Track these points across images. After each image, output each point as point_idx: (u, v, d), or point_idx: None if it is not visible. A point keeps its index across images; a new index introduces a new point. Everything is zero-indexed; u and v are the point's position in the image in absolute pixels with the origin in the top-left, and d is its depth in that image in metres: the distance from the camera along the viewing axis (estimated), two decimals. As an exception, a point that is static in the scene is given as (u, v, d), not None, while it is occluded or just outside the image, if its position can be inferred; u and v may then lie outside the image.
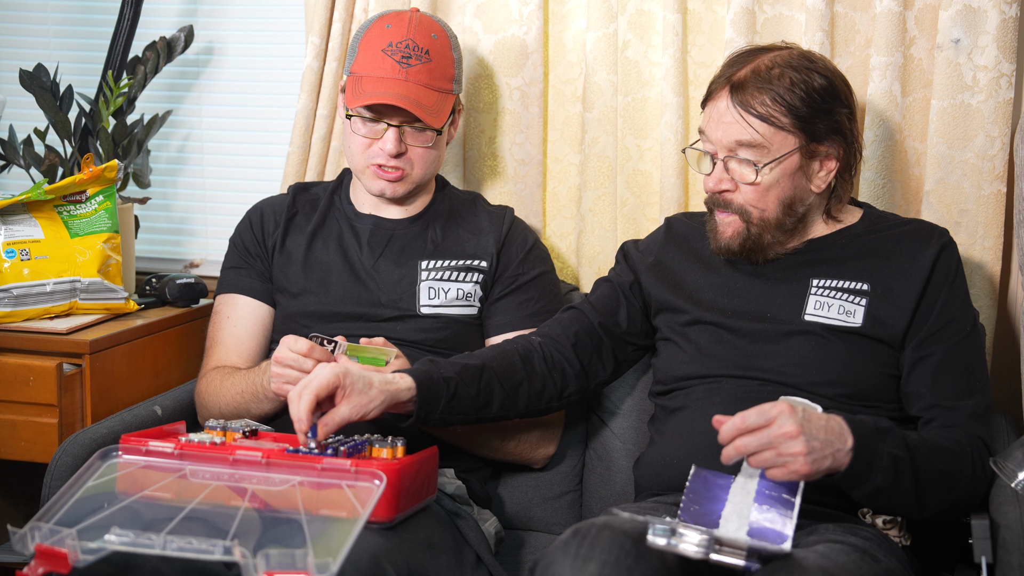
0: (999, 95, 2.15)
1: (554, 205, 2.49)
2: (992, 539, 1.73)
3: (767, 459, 1.62)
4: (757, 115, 1.85)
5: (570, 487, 2.26)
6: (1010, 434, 2.06)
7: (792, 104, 1.85)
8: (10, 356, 2.25)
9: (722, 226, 1.93)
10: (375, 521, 1.69)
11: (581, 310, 2.05)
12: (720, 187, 1.90)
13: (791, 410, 1.62)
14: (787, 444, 1.61)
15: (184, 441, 1.77)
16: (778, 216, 1.91)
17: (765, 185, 1.88)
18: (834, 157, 1.91)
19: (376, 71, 2.10)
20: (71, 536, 1.51)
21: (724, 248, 1.94)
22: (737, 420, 1.63)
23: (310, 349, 1.92)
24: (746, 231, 1.91)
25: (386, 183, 2.13)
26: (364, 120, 2.11)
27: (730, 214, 1.92)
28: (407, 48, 2.10)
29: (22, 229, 2.35)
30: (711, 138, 1.90)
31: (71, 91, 2.55)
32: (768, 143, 1.86)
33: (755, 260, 1.95)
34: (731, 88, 1.87)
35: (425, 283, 2.15)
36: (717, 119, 1.89)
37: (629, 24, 2.32)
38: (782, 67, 1.86)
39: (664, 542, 1.55)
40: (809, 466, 1.62)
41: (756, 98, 1.85)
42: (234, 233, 2.27)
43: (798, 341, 1.91)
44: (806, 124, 1.86)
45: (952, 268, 1.93)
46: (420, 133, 2.11)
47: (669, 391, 1.99)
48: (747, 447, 1.62)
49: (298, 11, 2.59)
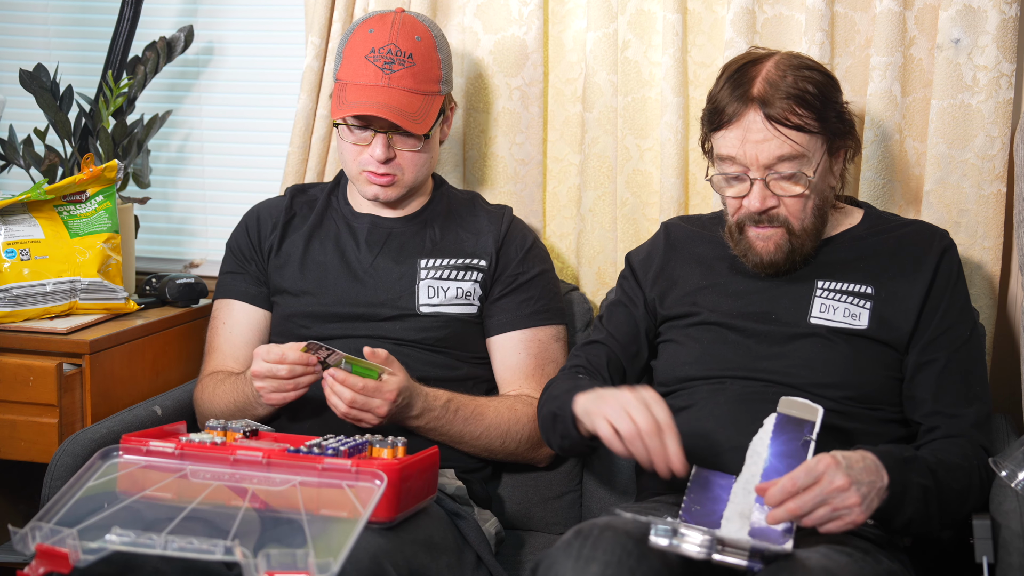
0: (999, 95, 2.15)
1: (554, 205, 2.49)
2: (993, 539, 1.73)
3: (822, 516, 1.62)
4: (793, 126, 1.83)
5: (570, 487, 2.26)
6: (1010, 434, 2.06)
7: (814, 105, 1.84)
8: (10, 356, 2.25)
9: (761, 241, 1.90)
10: (376, 521, 1.69)
11: (607, 345, 2.04)
12: (767, 205, 1.87)
13: (836, 463, 1.62)
14: (840, 498, 1.61)
15: (184, 441, 1.77)
16: (815, 222, 1.90)
17: (808, 193, 1.87)
18: (843, 149, 1.91)
19: (359, 78, 2.08)
20: (72, 536, 1.51)
21: (769, 264, 1.91)
22: (787, 483, 1.61)
23: (282, 356, 1.92)
24: (789, 243, 1.90)
25: (379, 188, 2.13)
26: (351, 128, 2.10)
27: (771, 228, 1.89)
28: (389, 53, 2.08)
29: (22, 229, 2.35)
30: (744, 160, 1.86)
31: (71, 91, 2.55)
32: (807, 151, 1.85)
33: (795, 271, 1.94)
34: (759, 104, 1.84)
35: (424, 282, 2.15)
36: (752, 139, 1.84)
37: (629, 24, 2.32)
38: (786, 71, 1.85)
39: (666, 543, 1.56)
40: (864, 514, 1.63)
41: (786, 108, 1.83)
42: (230, 238, 2.27)
43: (804, 343, 1.90)
44: (825, 123, 1.86)
45: (954, 272, 1.93)
46: (408, 138, 2.11)
47: (672, 391, 1.98)
48: (802, 508, 1.60)
49: (298, 11, 2.58)
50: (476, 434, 2.06)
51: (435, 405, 2.01)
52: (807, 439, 1.71)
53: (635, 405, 1.68)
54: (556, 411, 1.87)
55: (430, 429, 2.02)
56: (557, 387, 1.96)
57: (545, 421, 1.95)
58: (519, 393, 2.14)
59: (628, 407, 1.68)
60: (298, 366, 1.93)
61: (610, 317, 2.08)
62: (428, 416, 2.00)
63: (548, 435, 1.95)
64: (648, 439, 1.66)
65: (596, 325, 2.11)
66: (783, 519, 1.62)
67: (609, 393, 1.73)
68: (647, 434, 1.66)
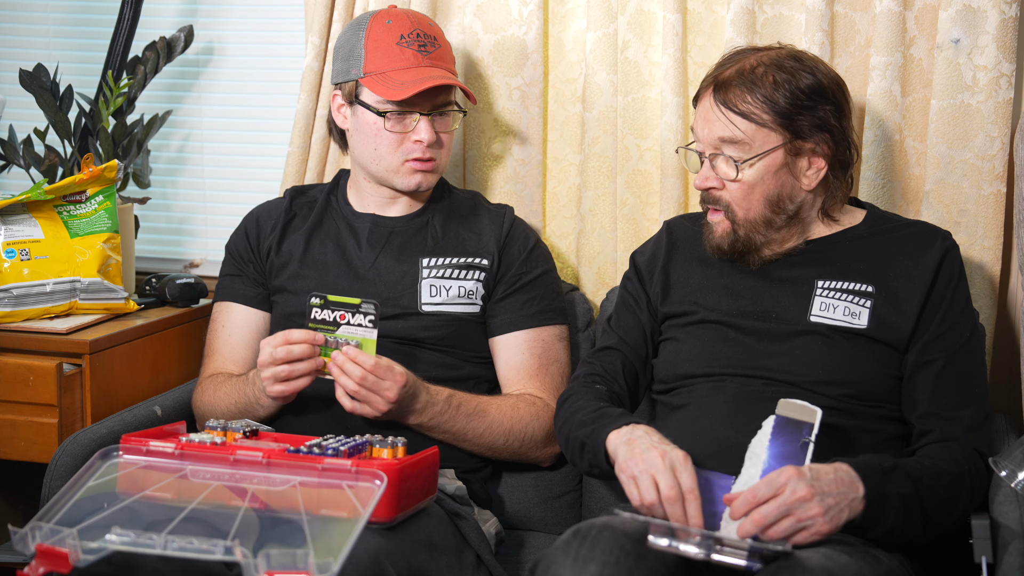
0: (999, 95, 2.15)
1: (554, 205, 2.49)
2: (992, 539, 1.73)
3: (787, 527, 1.63)
4: (738, 112, 1.87)
5: (570, 487, 2.26)
6: (1010, 434, 2.05)
7: (774, 101, 1.86)
8: (10, 356, 2.25)
9: (712, 226, 1.95)
10: (376, 521, 1.69)
11: (621, 351, 2.05)
12: (706, 184, 1.92)
13: (799, 473, 1.63)
14: (803, 508, 1.62)
15: (184, 441, 1.77)
16: (764, 214, 1.91)
17: (749, 183, 1.89)
18: (822, 155, 1.91)
19: (399, 63, 2.10)
20: (72, 536, 1.51)
21: (715, 247, 1.96)
22: (748, 495, 1.63)
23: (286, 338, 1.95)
24: (733, 232, 1.93)
25: (422, 175, 2.14)
26: (394, 116, 2.10)
27: (719, 213, 1.93)
28: (419, 37, 2.12)
29: (22, 229, 2.35)
30: (699, 136, 1.93)
31: (71, 91, 2.55)
32: (750, 140, 1.88)
33: (750, 261, 1.95)
34: (715, 87, 1.90)
35: (426, 281, 2.15)
36: (703, 117, 1.92)
37: (629, 24, 2.32)
38: (766, 66, 1.88)
39: (665, 543, 1.56)
40: (829, 524, 1.64)
41: (738, 96, 1.87)
42: (229, 240, 2.28)
43: (804, 341, 1.91)
44: (788, 121, 1.87)
45: (955, 272, 1.93)
46: (445, 118, 2.14)
47: (671, 389, 1.99)
48: (765, 519, 1.62)
49: (298, 11, 2.58)
50: (479, 431, 2.06)
51: (438, 400, 2.01)
52: (806, 441, 1.71)
53: (662, 470, 1.70)
54: (585, 440, 1.87)
55: (433, 426, 2.02)
56: (581, 408, 1.93)
57: (572, 445, 1.93)
58: (522, 392, 2.14)
59: (655, 472, 1.70)
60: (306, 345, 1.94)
61: (619, 321, 2.08)
62: (431, 411, 2.00)
63: (574, 459, 1.95)
64: (669, 507, 1.69)
65: (606, 329, 2.11)
66: (750, 531, 1.63)
67: (639, 448, 1.74)
68: (668, 501, 1.69)
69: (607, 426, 1.83)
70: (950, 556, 1.90)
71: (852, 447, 1.83)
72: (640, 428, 1.78)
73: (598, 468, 1.86)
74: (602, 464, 1.83)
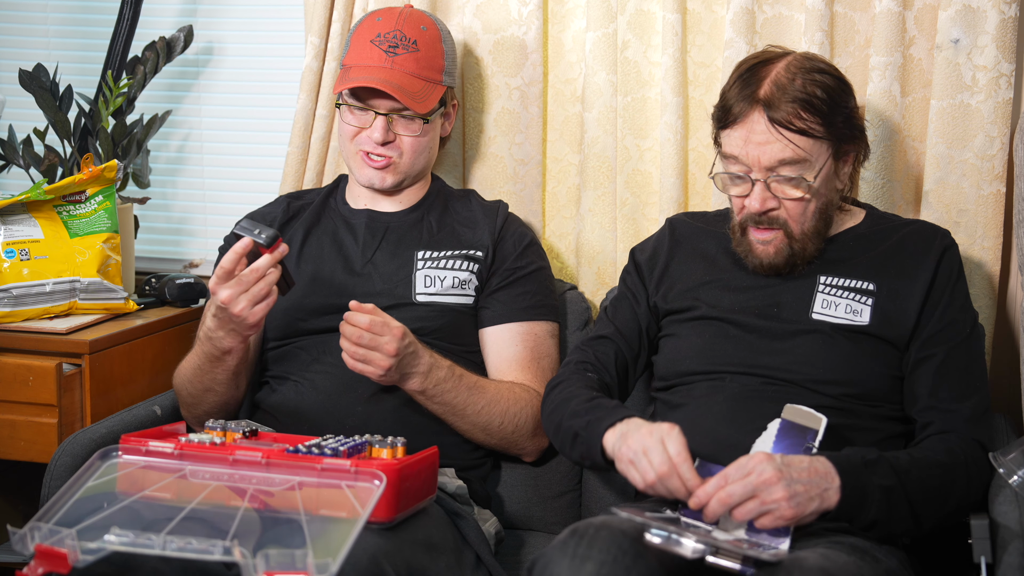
0: (998, 95, 2.15)
1: (553, 205, 2.49)
2: (992, 539, 1.73)
3: (752, 509, 1.63)
4: (797, 130, 1.83)
5: (570, 487, 2.26)
6: (1010, 434, 2.06)
7: (820, 110, 1.83)
8: (10, 356, 2.25)
9: (762, 245, 1.91)
10: (375, 521, 1.69)
11: (615, 342, 2.04)
12: (766, 207, 1.87)
13: (768, 458, 1.64)
14: (768, 491, 1.63)
15: (184, 441, 1.77)
16: (817, 226, 1.91)
17: (809, 198, 1.87)
18: (853, 152, 1.91)
19: (363, 60, 2.13)
20: (71, 536, 1.51)
21: (768, 266, 1.92)
22: (718, 478, 1.65)
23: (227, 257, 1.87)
24: (789, 247, 1.90)
25: (374, 172, 2.15)
26: (352, 109, 2.13)
27: (771, 231, 1.90)
28: (394, 38, 2.13)
29: (22, 229, 2.35)
30: (747, 160, 1.86)
31: (71, 91, 2.56)
32: (810, 156, 1.85)
33: (797, 272, 1.94)
34: (763, 107, 1.84)
35: (421, 272, 2.15)
36: (755, 141, 1.84)
37: (629, 24, 2.32)
38: (796, 74, 1.85)
39: (662, 541, 1.56)
40: (793, 510, 1.63)
41: (791, 113, 1.82)
42: (223, 244, 2.27)
43: (805, 339, 1.91)
44: (831, 128, 1.85)
45: (955, 270, 1.93)
46: (410, 122, 2.14)
47: (671, 386, 1.99)
48: (731, 497, 1.63)
49: (298, 11, 2.59)
50: (478, 407, 2.05)
51: (442, 364, 2.01)
52: (809, 446, 1.71)
53: (652, 447, 1.70)
54: (579, 432, 1.87)
55: (435, 394, 2.01)
56: (574, 396, 1.93)
57: (563, 434, 1.92)
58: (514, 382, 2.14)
59: (647, 448, 1.71)
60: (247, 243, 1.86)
61: (616, 312, 2.09)
62: (435, 376, 1.99)
63: (564, 448, 1.94)
64: (666, 482, 1.69)
65: (602, 318, 2.11)
66: (717, 512, 1.64)
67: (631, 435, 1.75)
68: (663, 477, 1.69)
69: (603, 420, 1.82)
70: (950, 556, 1.91)
71: (851, 446, 1.83)
72: (632, 421, 1.78)
73: (590, 461, 1.86)
74: (596, 458, 1.83)
